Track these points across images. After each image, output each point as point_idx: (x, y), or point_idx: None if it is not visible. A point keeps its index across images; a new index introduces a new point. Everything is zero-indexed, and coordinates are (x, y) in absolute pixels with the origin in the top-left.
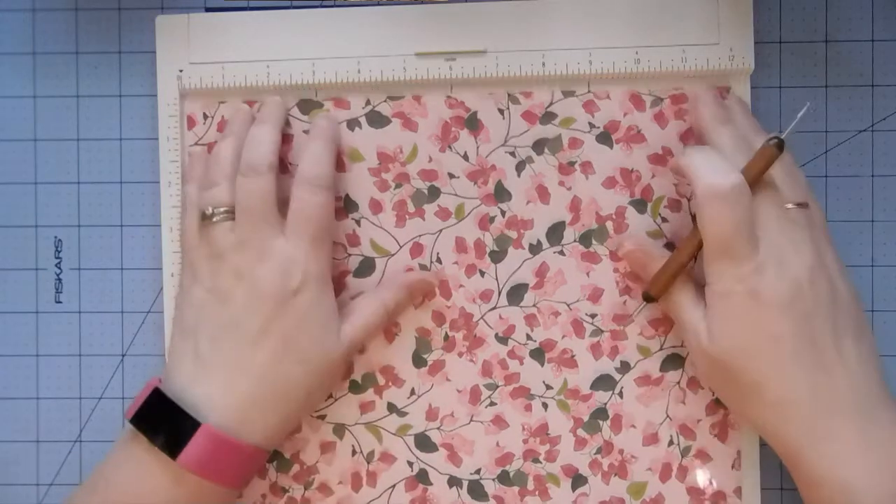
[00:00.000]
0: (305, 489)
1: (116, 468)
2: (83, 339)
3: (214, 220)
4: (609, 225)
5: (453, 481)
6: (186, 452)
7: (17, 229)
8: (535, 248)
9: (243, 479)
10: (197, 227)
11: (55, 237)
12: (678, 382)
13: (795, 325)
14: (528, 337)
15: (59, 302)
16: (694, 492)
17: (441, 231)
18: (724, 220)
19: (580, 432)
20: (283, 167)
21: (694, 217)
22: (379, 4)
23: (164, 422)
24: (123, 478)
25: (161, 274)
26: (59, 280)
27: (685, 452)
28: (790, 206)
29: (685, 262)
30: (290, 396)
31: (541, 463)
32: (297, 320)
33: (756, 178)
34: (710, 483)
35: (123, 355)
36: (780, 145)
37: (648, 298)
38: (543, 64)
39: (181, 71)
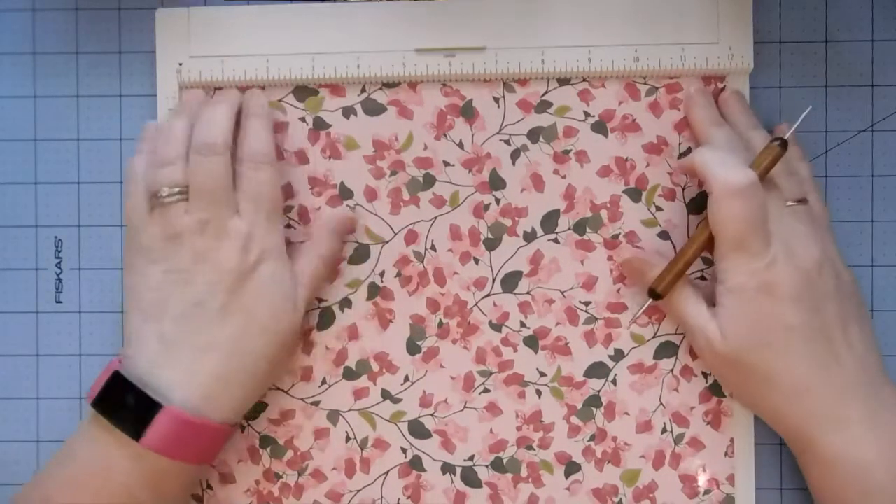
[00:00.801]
0: (299, 475)
1: (81, 443)
2: (83, 339)
3: (167, 200)
4: (603, 213)
5: (447, 468)
6: (149, 434)
7: (17, 229)
8: (530, 236)
9: (209, 455)
10: (145, 206)
11: (55, 237)
12: (671, 370)
13: (807, 315)
14: (522, 324)
15: (59, 302)
16: (687, 479)
17: (436, 219)
18: (741, 217)
19: (574, 420)
20: (278, 154)
21: (688, 206)
22: (379, 0)
23: (125, 404)
24: (86, 453)
25: None
26: (59, 280)
27: (678, 440)
28: (791, 203)
29: (692, 259)
30: (255, 369)
31: (534, 450)
32: (257, 294)
33: (761, 177)
34: (704, 470)
35: None
36: (785, 145)
37: (655, 296)
38: (543, 61)
39: (181, 64)
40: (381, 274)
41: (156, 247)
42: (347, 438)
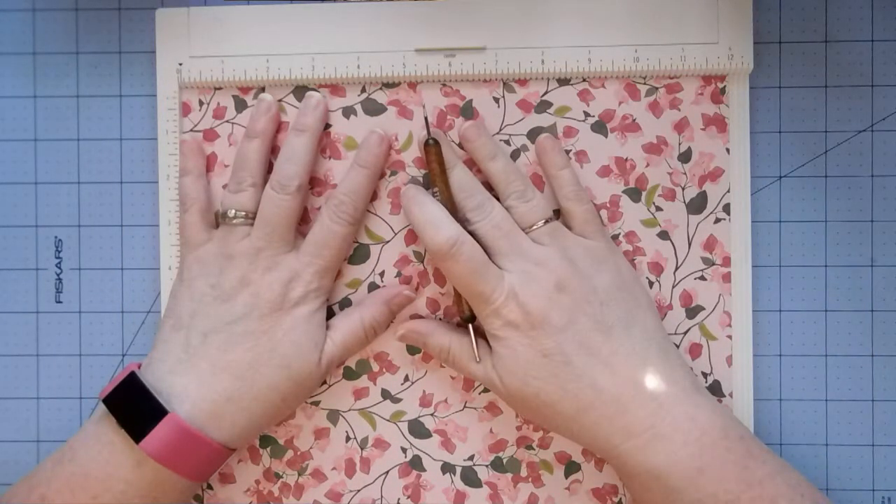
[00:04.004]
0: (299, 475)
1: (84, 443)
2: (83, 339)
3: (234, 222)
4: (603, 213)
5: (447, 468)
6: (149, 438)
7: (17, 229)
8: None
9: (203, 473)
10: (202, 222)
11: (55, 237)
12: None
13: (559, 336)
14: None
15: (59, 302)
16: None
17: None
18: (458, 273)
19: None
20: (275, 152)
21: (688, 207)
22: (379, 0)
23: (134, 406)
24: (88, 453)
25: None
26: (59, 280)
27: None
28: (538, 225)
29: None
30: (265, 399)
31: (534, 450)
32: (287, 329)
33: (437, 179)
34: None
35: (123, 355)
36: (437, 142)
37: (469, 320)
38: (542, 61)
39: (181, 64)
40: (381, 274)
41: (210, 261)
42: (347, 438)
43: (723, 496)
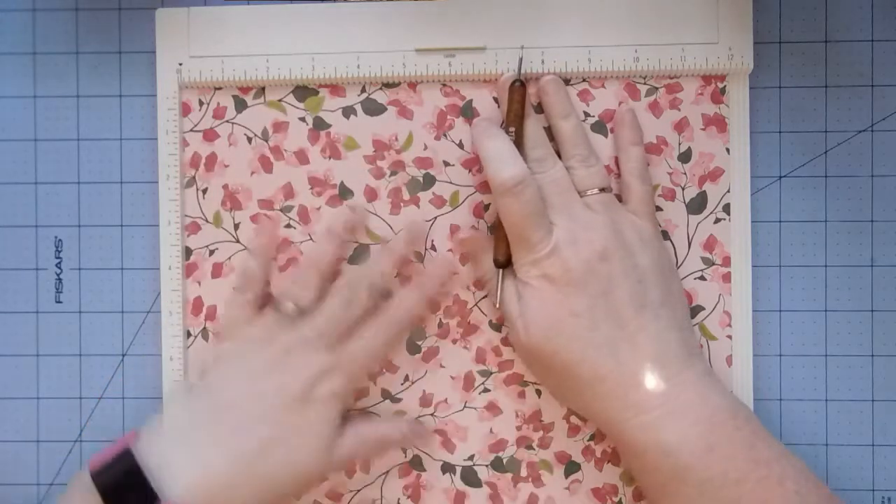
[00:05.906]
0: None
1: None
2: (83, 339)
3: (288, 311)
4: None
5: (447, 467)
6: None
7: (17, 229)
8: None
9: None
10: (253, 304)
11: (55, 237)
12: None
13: (591, 301)
14: None
15: (59, 302)
16: None
17: (436, 218)
18: (513, 212)
19: (573, 419)
20: (278, 154)
21: (688, 206)
22: (379, 0)
23: (124, 486)
24: None
25: (160, 274)
26: (59, 280)
27: None
28: (593, 191)
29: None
30: (264, 491)
31: (534, 450)
32: (299, 425)
33: (519, 120)
34: None
35: (123, 355)
36: (522, 84)
37: (500, 265)
38: (542, 61)
39: (181, 64)
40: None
41: (248, 343)
42: None
43: (732, 474)
